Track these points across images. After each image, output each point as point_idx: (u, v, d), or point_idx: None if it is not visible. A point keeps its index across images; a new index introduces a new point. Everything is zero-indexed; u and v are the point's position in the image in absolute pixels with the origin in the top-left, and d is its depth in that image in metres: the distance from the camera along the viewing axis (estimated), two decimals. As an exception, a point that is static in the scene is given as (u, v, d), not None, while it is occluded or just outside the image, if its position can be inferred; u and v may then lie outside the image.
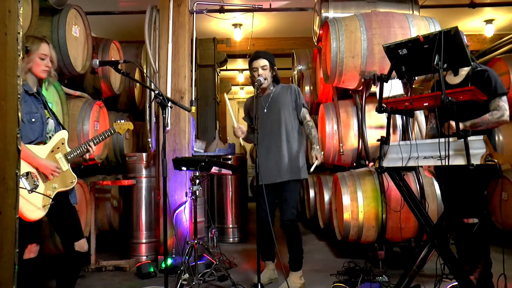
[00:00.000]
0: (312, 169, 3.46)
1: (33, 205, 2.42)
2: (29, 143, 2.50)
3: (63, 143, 2.67)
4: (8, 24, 1.06)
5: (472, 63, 2.98)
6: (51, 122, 2.70)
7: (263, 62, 3.44)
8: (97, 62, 2.82)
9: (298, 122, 3.55)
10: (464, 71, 3.11)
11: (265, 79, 3.41)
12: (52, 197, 2.52)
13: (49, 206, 2.49)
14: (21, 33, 1.13)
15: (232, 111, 3.59)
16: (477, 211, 2.96)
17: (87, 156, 2.81)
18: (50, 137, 2.65)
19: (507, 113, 2.93)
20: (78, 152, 2.72)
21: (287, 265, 3.53)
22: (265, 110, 3.51)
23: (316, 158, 3.40)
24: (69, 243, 2.68)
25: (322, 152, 3.54)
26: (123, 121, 3.07)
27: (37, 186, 2.47)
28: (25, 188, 2.39)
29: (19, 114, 1.12)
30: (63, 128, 2.79)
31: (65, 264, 2.72)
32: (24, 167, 2.42)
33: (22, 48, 1.14)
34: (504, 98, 2.96)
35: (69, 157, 2.67)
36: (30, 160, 2.45)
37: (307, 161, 3.66)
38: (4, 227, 1.03)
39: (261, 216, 3.38)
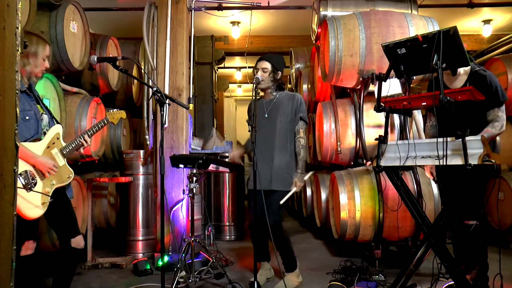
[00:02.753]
0: (283, 201, 3.33)
1: (32, 204, 2.40)
2: (24, 141, 2.48)
3: (58, 138, 2.65)
4: (7, 18, 1.05)
5: (470, 63, 2.99)
6: (45, 118, 2.68)
7: (265, 64, 3.44)
8: (95, 59, 2.80)
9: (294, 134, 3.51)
10: (464, 75, 3.08)
11: (262, 80, 3.40)
12: (50, 194, 2.51)
13: (48, 203, 2.48)
14: (19, 27, 1.12)
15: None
16: (474, 211, 2.97)
17: (82, 150, 2.79)
18: (45, 133, 2.63)
19: (505, 122, 2.97)
20: (73, 146, 2.70)
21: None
22: (266, 115, 3.50)
23: (295, 185, 3.36)
24: (66, 239, 2.66)
25: (306, 176, 3.43)
26: (115, 110, 3.06)
27: (35, 184, 2.45)
28: (23, 187, 2.38)
29: (17, 110, 1.11)
30: (57, 123, 2.77)
31: (62, 260, 2.70)
32: (22, 166, 2.40)
33: (20, 43, 1.13)
34: (503, 107, 2.98)
35: (65, 152, 2.65)
36: (27, 158, 2.43)
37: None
38: (2, 224, 1.02)
39: (255, 218, 3.36)
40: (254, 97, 3.21)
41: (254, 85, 3.27)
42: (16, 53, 1.10)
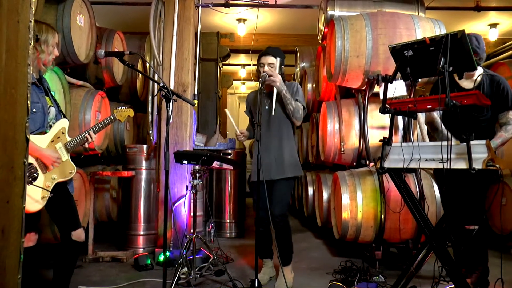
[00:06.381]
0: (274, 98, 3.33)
1: (31, 198, 2.40)
2: (30, 133, 2.48)
3: (63, 133, 2.65)
4: (21, 12, 1.05)
5: (481, 68, 3.00)
6: (52, 110, 2.68)
7: (271, 59, 3.42)
8: (102, 53, 2.80)
9: None
10: (477, 76, 3.08)
11: (269, 76, 3.38)
12: (50, 189, 2.51)
13: (47, 198, 2.49)
14: (32, 21, 1.13)
15: (233, 122, 3.58)
16: (476, 215, 2.97)
17: (86, 145, 2.79)
18: (51, 126, 2.63)
19: None
20: (77, 141, 2.70)
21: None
22: (267, 107, 3.50)
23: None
24: (66, 232, 2.67)
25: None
26: (123, 107, 3.05)
27: (36, 177, 2.45)
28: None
29: (28, 103, 1.11)
30: (64, 117, 2.77)
31: (62, 253, 2.71)
32: None
33: (33, 37, 1.13)
34: None
35: (68, 147, 2.65)
36: (31, 151, 2.42)
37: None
38: (11, 216, 1.02)
39: (258, 213, 3.36)
40: (259, 93, 3.21)
41: (260, 84, 3.26)
42: (29, 47, 1.11)
